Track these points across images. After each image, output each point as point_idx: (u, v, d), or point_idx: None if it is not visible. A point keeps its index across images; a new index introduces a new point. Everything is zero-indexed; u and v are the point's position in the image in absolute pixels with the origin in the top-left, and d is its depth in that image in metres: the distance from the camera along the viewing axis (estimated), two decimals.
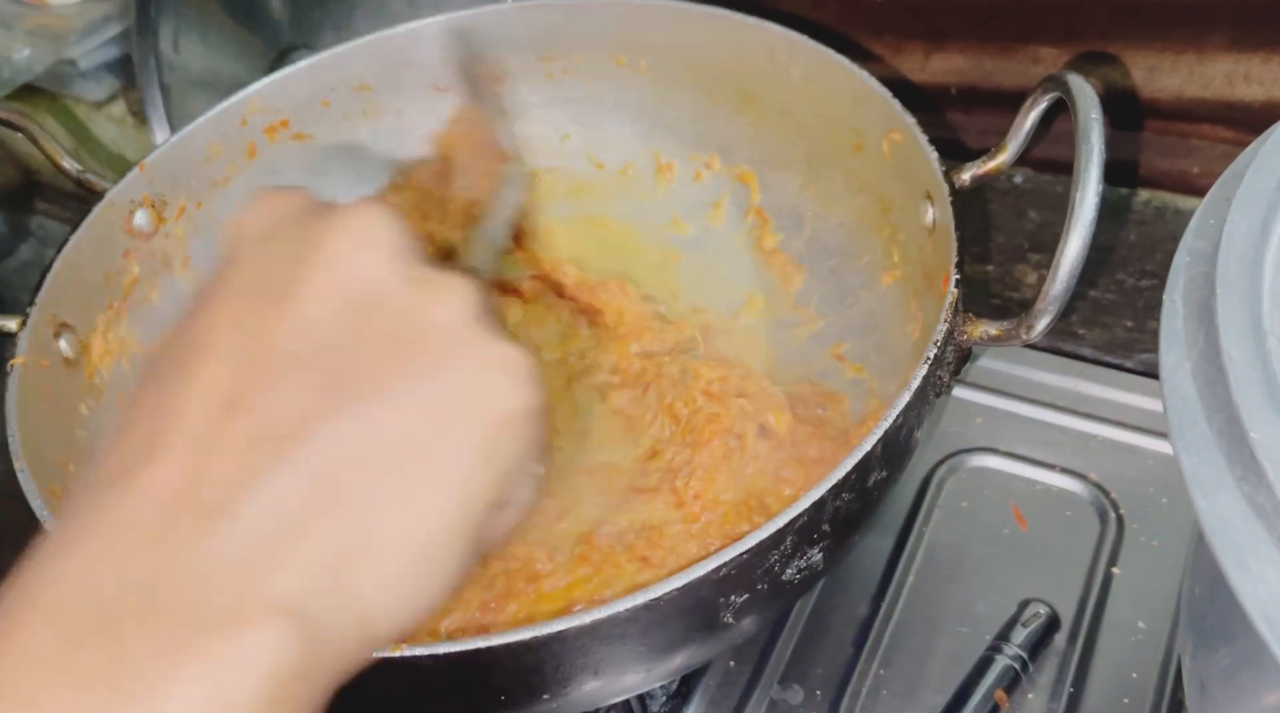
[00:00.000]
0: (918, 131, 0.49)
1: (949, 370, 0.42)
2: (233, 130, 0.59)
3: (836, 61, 0.54)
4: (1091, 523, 0.53)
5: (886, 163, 0.53)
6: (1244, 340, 0.28)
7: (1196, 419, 0.28)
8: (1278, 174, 0.32)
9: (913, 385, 0.39)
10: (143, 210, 0.56)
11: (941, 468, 0.56)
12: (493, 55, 0.63)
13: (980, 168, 0.47)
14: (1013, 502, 0.54)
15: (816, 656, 0.50)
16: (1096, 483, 0.54)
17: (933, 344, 0.40)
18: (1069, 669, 0.48)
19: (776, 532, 0.36)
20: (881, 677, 0.49)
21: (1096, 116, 0.38)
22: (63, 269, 0.51)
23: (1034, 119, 0.46)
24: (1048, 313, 0.39)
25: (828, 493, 0.36)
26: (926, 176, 0.48)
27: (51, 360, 0.49)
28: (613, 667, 0.37)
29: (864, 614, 0.51)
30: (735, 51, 0.59)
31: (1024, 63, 0.69)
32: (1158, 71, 0.66)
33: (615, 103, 0.63)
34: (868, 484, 0.38)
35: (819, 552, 0.38)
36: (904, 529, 0.54)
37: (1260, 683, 0.31)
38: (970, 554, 0.53)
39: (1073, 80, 0.41)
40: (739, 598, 0.37)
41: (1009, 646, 0.47)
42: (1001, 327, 0.41)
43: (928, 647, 0.50)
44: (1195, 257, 0.32)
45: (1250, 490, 0.26)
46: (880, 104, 0.52)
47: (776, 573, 0.37)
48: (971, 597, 0.51)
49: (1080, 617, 0.49)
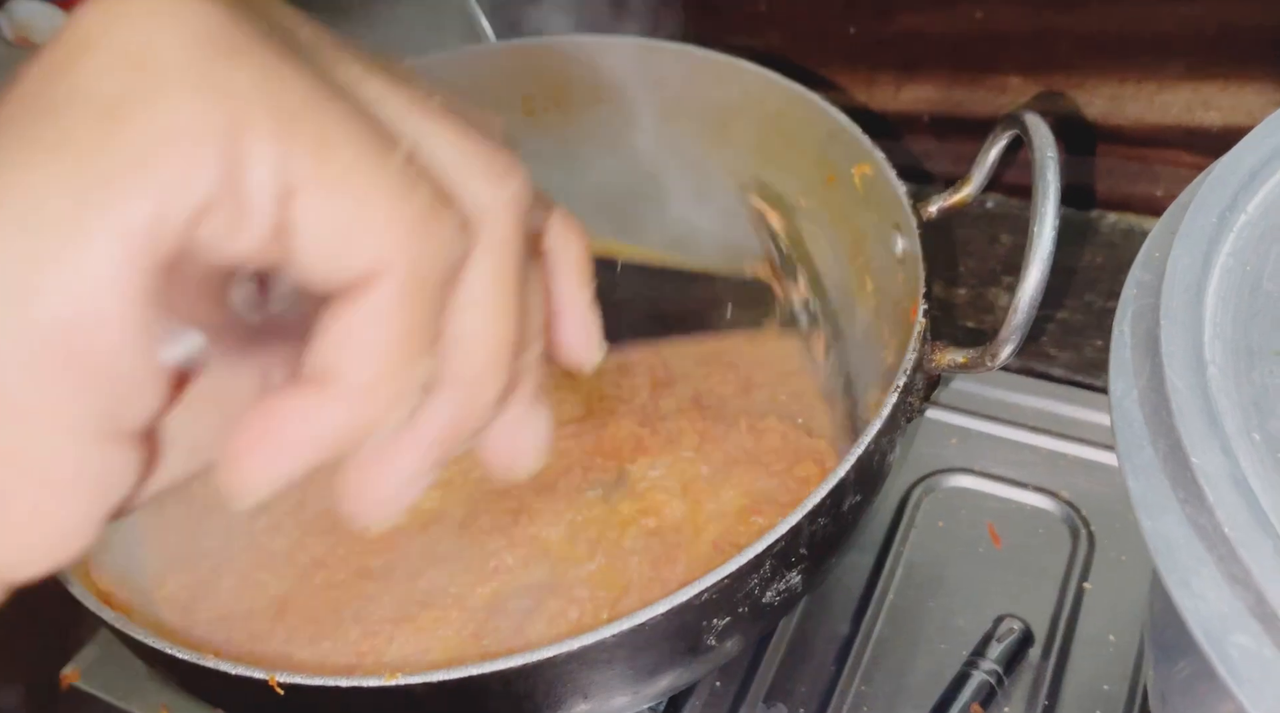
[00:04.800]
0: (886, 165, 0.51)
1: (919, 396, 0.44)
2: None
3: (807, 97, 0.56)
4: (1064, 540, 0.55)
5: (858, 195, 0.55)
6: (1186, 370, 0.30)
7: (1143, 444, 0.30)
8: (1218, 209, 0.34)
9: (883, 413, 0.41)
10: None
11: (918, 488, 0.58)
12: (477, 93, 0.65)
13: (946, 201, 0.49)
14: (988, 520, 0.56)
15: (800, 674, 0.52)
16: (1068, 501, 0.56)
17: (902, 372, 0.42)
18: (1043, 683, 0.49)
19: (755, 557, 0.37)
20: (863, 693, 0.51)
21: (1052, 154, 0.40)
22: None
23: (996, 154, 0.48)
24: (1010, 341, 0.41)
25: (803, 518, 0.38)
26: (895, 209, 0.50)
27: None
28: (602, 690, 0.39)
29: (845, 633, 0.53)
30: (709, 89, 0.61)
31: (992, 92, 0.72)
32: (1120, 99, 0.69)
33: (591, 142, 0.65)
34: (842, 508, 0.40)
35: (797, 574, 0.40)
36: (883, 549, 0.56)
37: (1212, 695, 0.33)
38: (947, 572, 0.54)
39: (1030, 120, 0.43)
40: (721, 621, 0.38)
41: (984, 661, 0.49)
42: (967, 355, 0.43)
43: (907, 663, 0.51)
44: (1142, 288, 0.34)
45: (1193, 513, 0.28)
46: (850, 138, 0.54)
47: (757, 596, 0.39)
48: (949, 614, 0.53)
49: (1053, 631, 0.51)
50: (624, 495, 0.50)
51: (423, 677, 0.35)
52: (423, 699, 0.36)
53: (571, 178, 0.65)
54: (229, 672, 0.36)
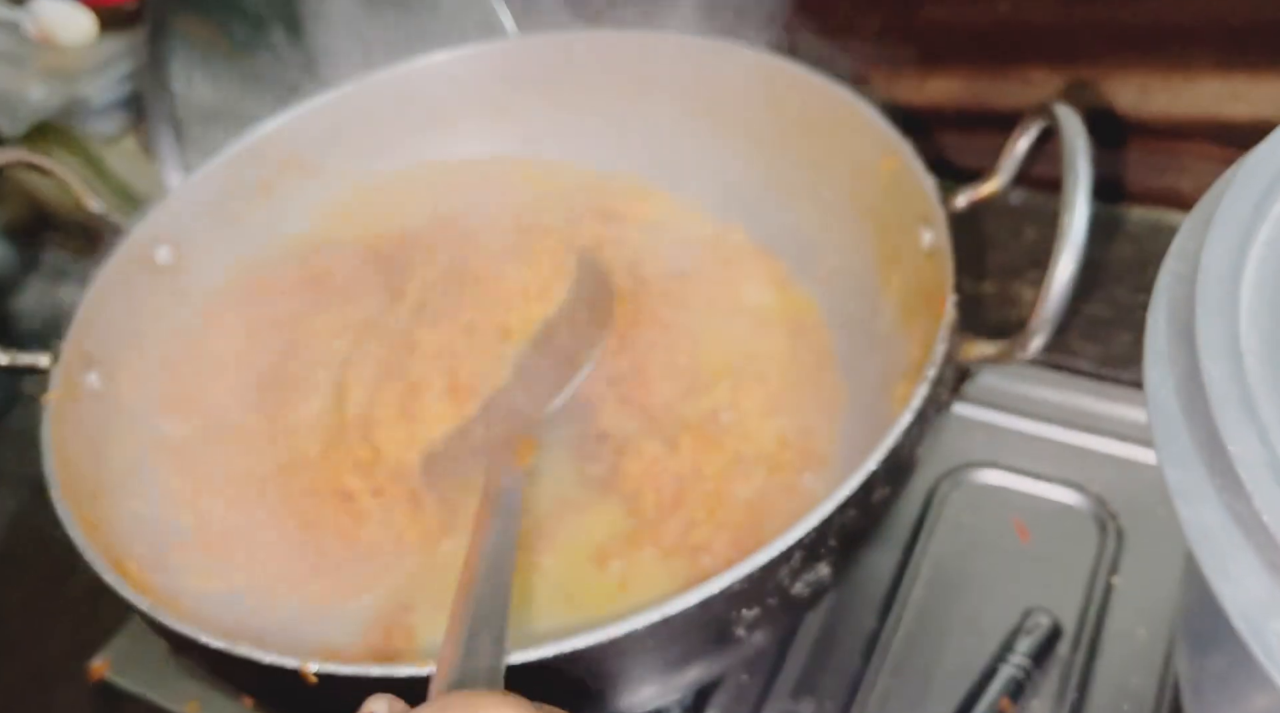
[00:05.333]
0: (913, 158, 0.51)
1: (948, 389, 0.44)
2: (248, 168, 0.61)
3: (834, 90, 0.56)
4: (1091, 534, 0.54)
5: (884, 188, 0.55)
6: (1222, 358, 0.30)
7: (1179, 433, 0.29)
8: (1253, 198, 0.33)
9: (913, 405, 0.40)
10: (164, 246, 0.58)
11: (944, 483, 0.58)
12: (500, 87, 0.65)
13: (974, 194, 0.49)
14: (1014, 515, 0.56)
15: (826, 668, 0.52)
16: (1096, 495, 0.56)
17: (931, 364, 0.42)
18: (1072, 677, 0.49)
19: (785, 549, 0.37)
20: (890, 687, 0.50)
21: (1083, 144, 0.40)
22: (89, 305, 0.53)
23: (1024, 146, 0.47)
24: (1041, 333, 0.40)
25: (834, 510, 0.38)
26: (922, 202, 0.50)
27: (82, 394, 0.51)
28: (630, 680, 0.39)
29: (872, 627, 0.53)
30: (735, 82, 0.61)
31: (1017, 84, 0.71)
32: (1147, 91, 0.68)
33: (617, 135, 0.65)
34: (871, 500, 0.40)
35: (826, 566, 0.40)
36: (909, 544, 0.55)
37: (1249, 685, 0.33)
38: (974, 567, 0.54)
39: (1060, 110, 0.43)
40: (750, 612, 0.38)
41: (1014, 655, 0.49)
42: (998, 346, 0.43)
43: (934, 657, 0.51)
44: (1176, 278, 0.34)
45: (1230, 500, 0.28)
46: (877, 131, 0.54)
47: (786, 587, 0.39)
48: (976, 608, 0.52)
49: (1082, 626, 0.51)
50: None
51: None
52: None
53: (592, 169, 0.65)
54: (260, 660, 0.37)
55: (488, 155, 0.65)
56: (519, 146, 0.66)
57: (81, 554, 0.41)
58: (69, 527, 0.42)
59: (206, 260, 0.59)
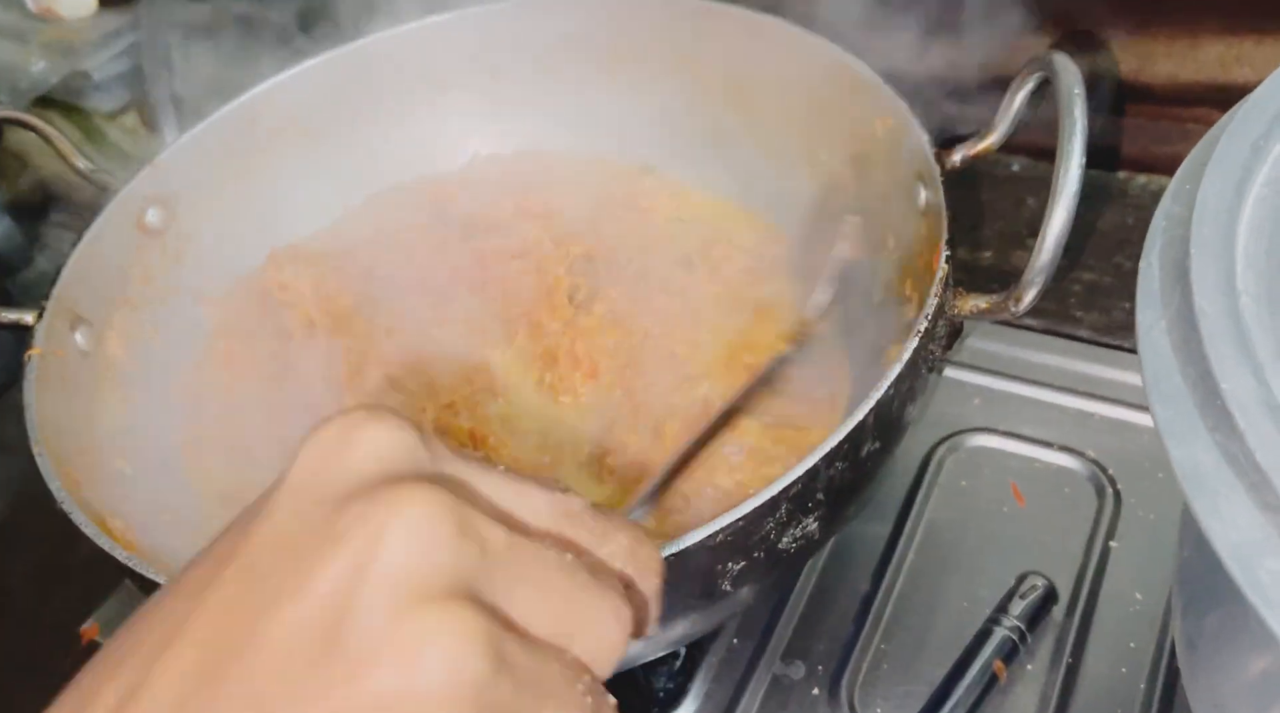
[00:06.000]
0: (909, 115, 0.50)
1: (940, 345, 0.43)
2: (242, 129, 0.61)
3: (831, 51, 0.55)
4: (1089, 499, 0.54)
5: (880, 149, 0.54)
6: (1217, 297, 0.29)
7: (1170, 373, 0.29)
8: (1251, 137, 0.33)
9: (903, 357, 0.40)
10: (154, 208, 0.57)
11: (941, 448, 0.57)
12: (491, 51, 0.64)
13: (970, 149, 0.48)
14: (1011, 480, 0.55)
15: (818, 632, 0.51)
16: (1094, 460, 0.55)
17: (923, 317, 0.41)
18: (1067, 640, 0.48)
19: (771, 499, 0.37)
20: (882, 651, 0.50)
21: (1079, 91, 0.39)
22: (78, 264, 0.52)
23: (1021, 100, 0.46)
24: (1035, 285, 0.40)
25: (820, 461, 0.37)
26: (918, 159, 0.49)
27: (68, 352, 0.50)
28: None
29: (865, 591, 0.52)
30: (729, 42, 0.60)
31: (1016, 52, 0.70)
32: (1151, 57, 0.67)
33: (610, 99, 0.65)
34: (861, 454, 0.39)
35: (814, 521, 0.39)
36: (904, 508, 0.55)
37: (1244, 637, 0.32)
38: (970, 531, 0.54)
39: (1057, 59, 0.42)
40: (736, 565, 0.38)
41: (1007, 617, 0.48)
42: (991, 300, 0.42)
43: (928, 621, 0.51)
44: (1171, 220, 0.33)
45: (1222, 440, 0.27)
46: (873, 90, 0.53)
47: (773, 541, 0.38)
48: (971, 572, 0.52)
49: (1078, 589, 0.50)
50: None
51: None
52: None
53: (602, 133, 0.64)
54: None
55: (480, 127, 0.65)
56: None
57: (62, 507, 0.41)
58: (48, 478, 0.42)
59: (195, 223, 0.59)
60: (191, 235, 0.59)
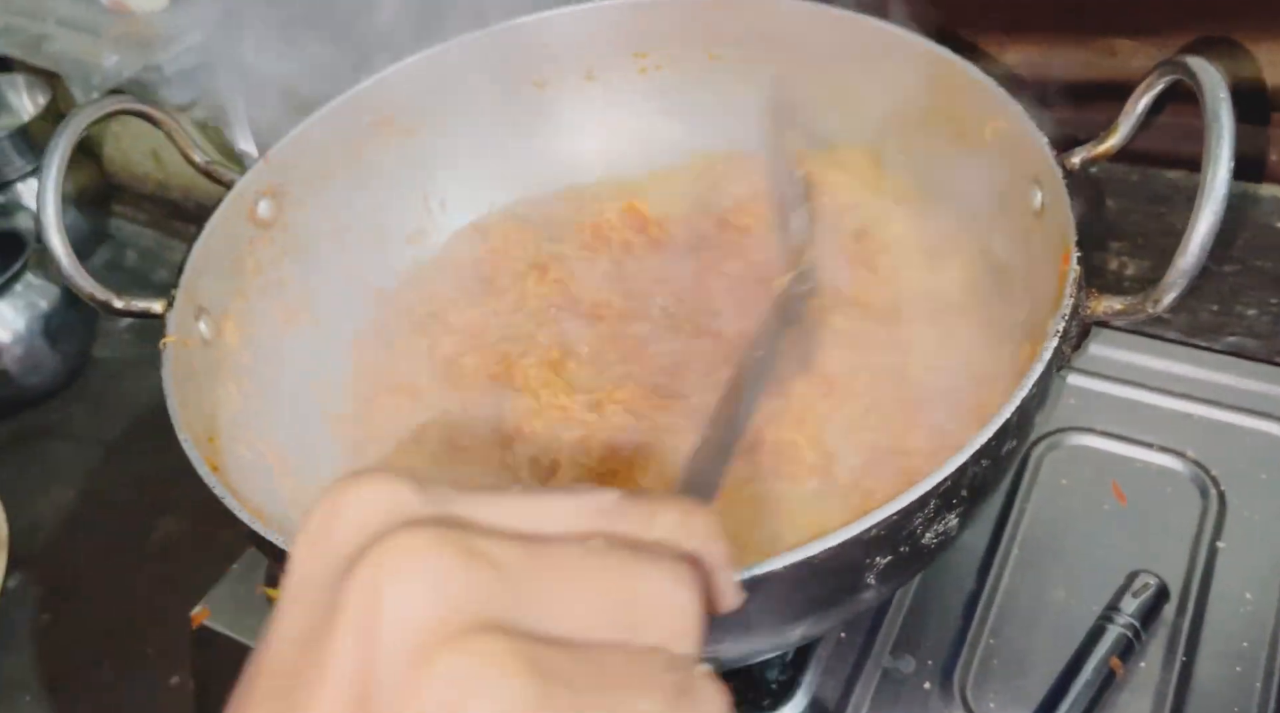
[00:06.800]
0: (1024, 117, 0.50)
1: (1070, 345, 0.44)
2: (345, 124, 0.61)
3: (935, 51, 0.56)
4: (1193, 499, 0.54)
5: (988, 151, 0.54)
6: None
7: None
8: None
9: (1044, 356, 0.40)
10: (265, 200, 0.58)
11: (1039, 447, 0.58)
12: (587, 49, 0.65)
13: (1090, 151, 0.49)
14: (1112, 479, 0.56)
15: (926, 627, 0.52)
16: (1195, 460, 0.55)
17: (1060, 317, 0.42)
18: (1179, 639, 0.49)
19: (921, 495, 0.37)
20: (992, 646, 0.51)
21: (1224, 96, 0.40)
22: (198, 255, 0.53)
23: (1146, 103, 0.47)
24: (1176, 287, 0.40)
25: (969, 458, 0.38)
26: (1035, 161, 0.49)
27: (193, 341, 0.51)
28: (759, 624, 0.39)
29: (971, 587, 0.53)
30: (830, 45, 0.60)
31: (1098, 54, 0.70)
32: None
33: (710, 98, 0.65)
34: (1001, 452, 0.40)
35: (955, 517, 0.40)
36: (1005, 505, 0.56)
37: None
38: (1072, 529, 0.54)
39: (1193, 62, 0.42)
40: (883, 559, 0.38)
41: (1121, 615, 0.49)
42: (1126, 301, 0.43)
43: (1036, 618, 0.51)
44: None
45: None
46: (982, 92, 0.53)
47: (918, 536, 0.39)
48: (1076, 570, 0.53)
49: (1188, 589, 0.51)
50: None
51: None
52: None
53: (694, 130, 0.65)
54: None
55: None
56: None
57: (212, 491, 0.42)
58: (197, 464, 0.42)
59: (305, 216, 0.59)
60: (297, 228, 0.60)
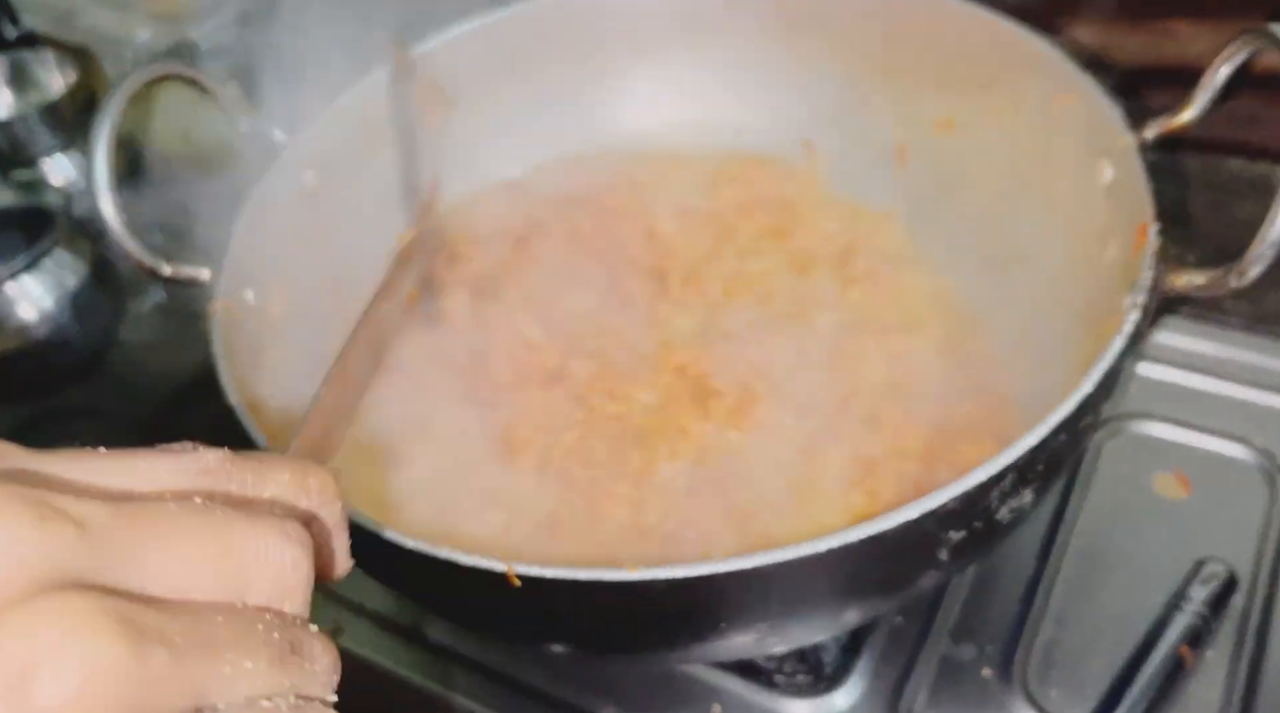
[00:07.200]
0: (1095, 91, 0.49)
1: (1149, 319, 0.42)
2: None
3: (1002, 24, 0.54)
4: (1259, 487, 0.53)
5: (1051, 125, 0.53)
6: None
7: None
8: None
9: (1125, 330, 0.39)
10: (310, 170, 0.57)
11: (1100, 433, 0.56)
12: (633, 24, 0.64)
13: (1164, 125, 0.47)
14: (1175, 466, 0.54)
15: (986, 614, 0.50)
16: (1262, 448, 0.54)
17: (1140, 290, 0.40)
18: (1249, 628, 0.47)
19: (1000, 470, 0.36)
20: (1053, 634, 0.49)
21: None
22: (244, 223, 0.52)
23: (1225, 75, 0.46)
24: (1263, 259, 0.39)
25: (1049, 432, 0.37)
26: (1105, 135, 0.48)
27: (240, 310, 0.50)
28: (829, 598, 0.38)
29: (1030, 574, 0.51)
30: (889, 18, 0.59)
31: (1155, 37, 0.69)
32: None
33: (766, 76, 0.64)
34: (1080, 425, 0.39)
35: (1030, 492, 0.39)
36: (1065, 490, 0.54)
37: None
38: (1135, 516, 0.53)
39: (1278, 29, 0.41)
40: (957, 534, 0.37)
41: (1188, 603, 0.47)
42: (1209, 275, 0.41)
43: (1098, 605, 0.50)
44: None
45: None
46: (1053, 66, 0.52)
47: (992, 511, 0.37)
48: (1138, 557, 0.51)
49: (1256, 578, 0.49)
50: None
51: (665, 572, 0.34)
52: (661, 596, 0.35)
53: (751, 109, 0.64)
54: (461, 563, 0.36)
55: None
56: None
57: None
58: (252, 432, 0.41)
59: (349, 186, 0.59)
60: (342, 199, 0.59)
